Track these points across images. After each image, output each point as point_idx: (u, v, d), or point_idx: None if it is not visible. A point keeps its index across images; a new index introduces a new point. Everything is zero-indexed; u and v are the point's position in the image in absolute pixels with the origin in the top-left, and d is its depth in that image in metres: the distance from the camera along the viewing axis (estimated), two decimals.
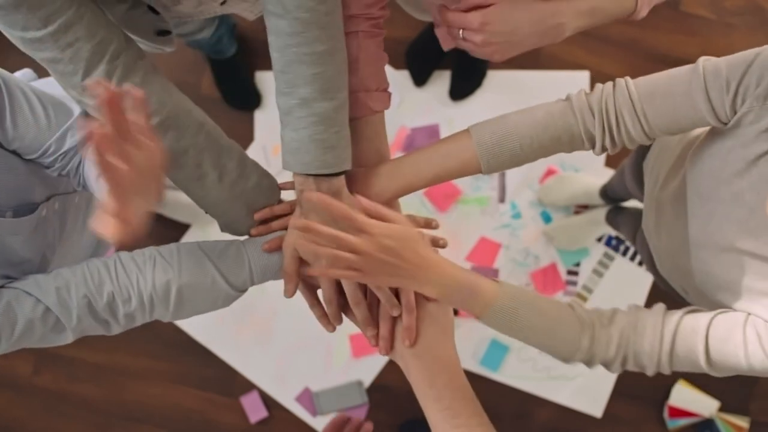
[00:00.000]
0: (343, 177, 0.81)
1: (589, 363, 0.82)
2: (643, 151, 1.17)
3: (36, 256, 0.83)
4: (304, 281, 0.87)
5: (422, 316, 0.82)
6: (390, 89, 0.90)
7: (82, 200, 0.97)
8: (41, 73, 0.87)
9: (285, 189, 0.89)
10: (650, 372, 0.79)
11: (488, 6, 0.80)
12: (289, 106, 0.80)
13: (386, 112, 0.90)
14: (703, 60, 0.76)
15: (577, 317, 0.80)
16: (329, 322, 0.86)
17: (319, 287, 0.87)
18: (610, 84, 0.80)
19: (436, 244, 0.87)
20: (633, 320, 0.80)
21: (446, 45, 0.96)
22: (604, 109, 0.79)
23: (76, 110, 0.76)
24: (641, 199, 1.23)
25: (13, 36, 0.70)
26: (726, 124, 0.75)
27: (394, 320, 0.83)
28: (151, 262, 0.78)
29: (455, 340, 0.89)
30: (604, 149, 0.82)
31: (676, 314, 0.78)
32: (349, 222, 0.71)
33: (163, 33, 0.94)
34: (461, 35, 0.82)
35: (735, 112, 0.73)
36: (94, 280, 0.76)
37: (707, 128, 0.83)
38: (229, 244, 0.83)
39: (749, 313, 0.76)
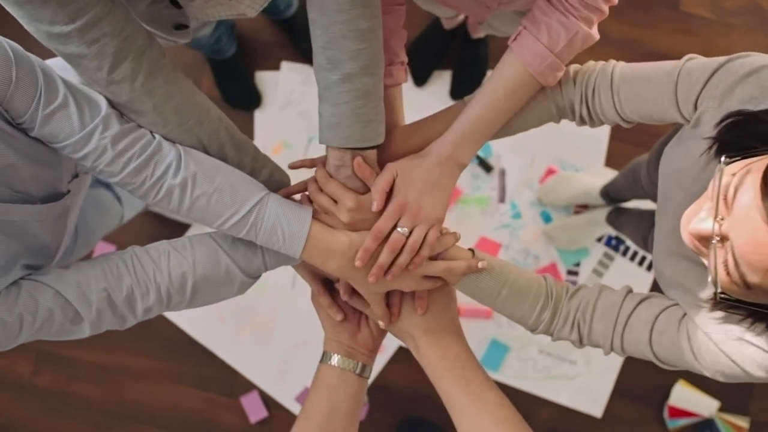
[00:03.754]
0: (375, 150, 0.85)
1: (552, 337, 0.89)
2: (662, 147, 1.17)
3: (55, 243, 0.84)
4: (312, 272, 0.92)
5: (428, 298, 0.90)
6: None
7: (74, 187, 0.95)
8: None
9: (291, 193, 0.91)
10: (605, 352, 0.86)
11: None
12: (330, 81, 0.80)
13: None
14: (686, 57, 0.80)
15: (546, 291, 0.87)
16: (338, 310, 0.92)
17: (327, 277, 0.93)
18: (601, 62, 0.86)
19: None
20: (593, 298, 0.85)
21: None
22: (585, 80, 0.85)
23: (103, 105, 0.75)
24: (654, 198, 1.23)
25: (39, 30, 0.69)
26: (689, 121, 0.78)
27: (402, 295, 0.90)
28: (165, 255, 0.80)
29: None
30: (582, 120, 0.88)
31: (634, 299, 0.83)
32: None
33: (181, 27, 0.95)
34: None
35: (696, 110, 0.76)
36: (113, 273, 0.77)
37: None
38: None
39: (685, 314, 0.80)
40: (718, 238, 0.62)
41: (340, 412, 0.88)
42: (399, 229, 0.83)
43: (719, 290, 0.64)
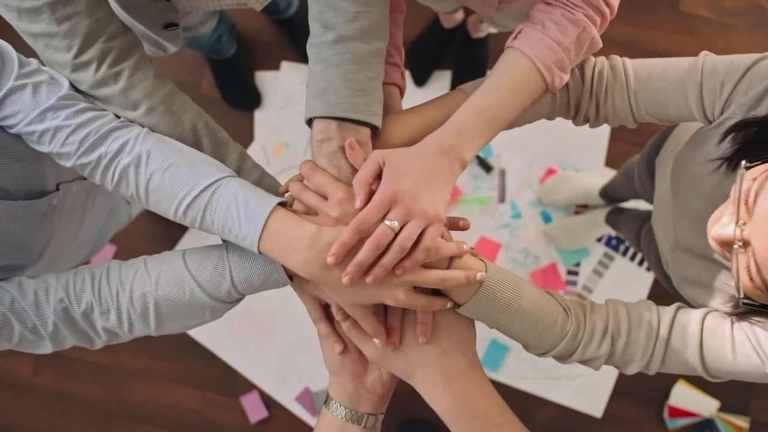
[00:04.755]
0: (369, 131, 0.73)
1: (573, 356, 0.76)
2: (657, 147, 1.17)
3: (38, 242, 0.82)
4: (311, 295, 0.77)
5: (436, 317, 0.74)
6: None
7: (81, 190, 0.95)
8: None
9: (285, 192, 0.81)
10: (641, 366, 0.75)
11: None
12: (322, 43, 0.71)
13: None
14: (704, 55, 0.77)
15: (561, 303, 0.76)
16: (337, 340, 0.77)
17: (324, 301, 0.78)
18: (604, 58, 0.82)
19: (456, 226, 0.82)
20: (623, 309, 0.77)
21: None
22: (596, 78, 0.80)
23: (65, 85, 0.72)
24: (649, 199, 1.23)
25: (9, 6, 0.68)
26: (711, 122, 0.76)
27: (403, 318, 0.75)
28: (133, 273, 0.73)
29: None
30: (586, 119, 0.83)
31: (670, 309, 0.76)
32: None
33: (171, 26, 0.93)
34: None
35: (722, 114, 0.74)
36: (75, 287, 0.71)
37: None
38: (211, 252, 0.74)
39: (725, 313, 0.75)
40: (740, 243, 0.61)
41: None
42: (387, 222, 0.67)
43: (742, 295, 0.63)
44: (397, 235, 0.67)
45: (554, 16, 0.76)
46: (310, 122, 0.74)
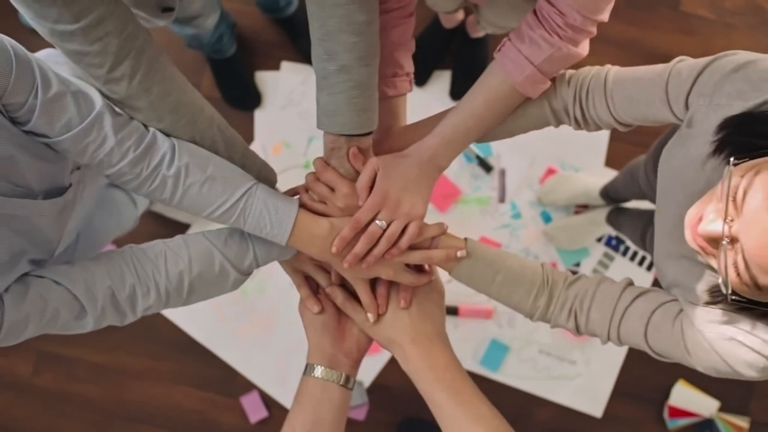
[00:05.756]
0: (371, 137, 0.90)
1: (550, 323, 0.90)
2: (661, 147, 1.17)
3: (56, 237, 0.85)
4: (293, 266, 0.96)
5: (416, 292, 0.92)
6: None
7: (74, 180, 0.95)
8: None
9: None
10: (602, 341, 0.87)
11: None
12: (327, 71, 0.83)
13: None
14: (677, 59, 0.80)
15: (543, 277, 0.90)
16: (316, 302, 0.93)
17: (308, 274, 0.97)
18: (596, 66, 0.88)
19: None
20: (592, 287, 0.87)
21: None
22: (579, 83, 0.87)
23: (97, 98, 0.76)
24: (652, 198, 1.23)
25: (43, 27, 0.70)
26: (682, 121, 0.78)
27: (388, 288, 0.92)
28: (162, 255, 0.83)
29: (454, 340, 0.91)
30: (577, 123, 0.90)
31: (633, 292, 0.85)
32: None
33: (167, 10, 0.96)
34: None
35: (687, 108, 0.77)
36: (116, 273, 0.80)
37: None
38: (232, 231, 0.88)
39: (681, 310, 0.80)
40: (727, 240, 0.62)
41: (324, 424, 0.87)
42: (377, 222, 0.87)
43: (730, 291, 0.64)
44: (384, 231, 0.87)
45: (534, 35, 0.83)
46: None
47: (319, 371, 0.90)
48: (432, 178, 0.91)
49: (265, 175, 0.93)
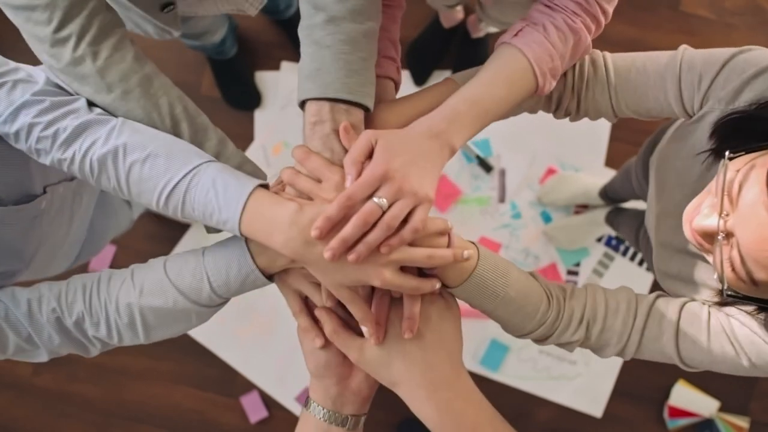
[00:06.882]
0: (362, 113, 0.72)
1: (549, 339, 0.77)
2: (651, 147, 1.17)
3: (29, 248, 0.82)
4: (293, 289, 0.77)
5: (426, 313, 0.72)
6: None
7: (68, 191, 0.94)
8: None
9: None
10: (613, 352, 0.76)
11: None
12: (313, 25, 0.69)
13: None
14: (683, 48, 0.77)
15: (544, 289, 0.77)
16: (318, 335, 0.74)
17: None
18: (587, 56, 0.82)
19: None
20: (602, 296, 0.77)
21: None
22: (578, 74, 0.81)
23: (40, 82, 0.71)
24: (644, 198, 1.23)
25: None
26: (691, 116, 0.76)
27: (389, 310, 0.73)
28: (120, 283, 0.72)
29: None
30: (567, 113, 0.83)
31: (650, 296, 0.78)
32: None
33: (167, 6, 0.91)
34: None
35: (701, 108, 0.74)
36: (68, 297, 0.71)
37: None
38: (189, 258, 0.73)
39: (704, 302, 0.76)
40: (723, 235, 0.61)
41: None
42: (376, 199, 0.65)
43: (725, 287, 0.63)
44: (384, 213, 0.65)
45: (556, 21, 0.75)
46: (302, 105, 0.72)
47: (321, 413, 0.74)
48: (443, 158, 0.71)
49: (247, 171, 0.77)
